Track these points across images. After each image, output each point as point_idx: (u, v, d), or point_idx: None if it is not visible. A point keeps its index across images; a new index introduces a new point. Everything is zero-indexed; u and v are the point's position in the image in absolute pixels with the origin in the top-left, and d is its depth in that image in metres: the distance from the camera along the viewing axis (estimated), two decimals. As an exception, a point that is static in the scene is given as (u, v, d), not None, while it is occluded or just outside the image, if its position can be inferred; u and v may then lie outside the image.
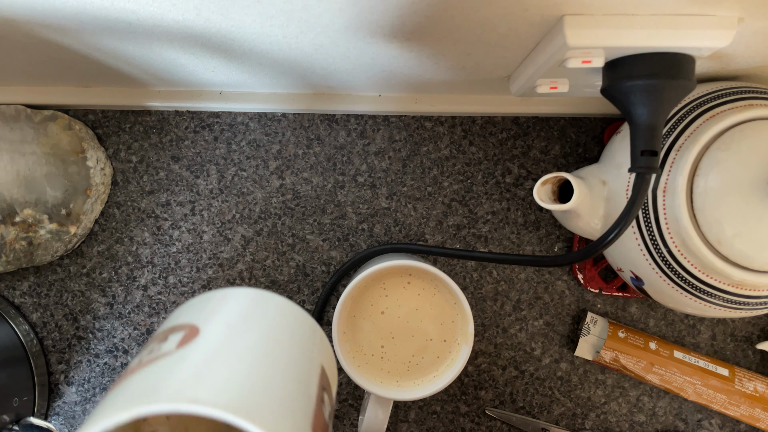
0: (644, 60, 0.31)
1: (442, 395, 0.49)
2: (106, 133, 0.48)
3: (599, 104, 0.47)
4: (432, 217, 0.48)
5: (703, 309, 0.38)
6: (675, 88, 0.31)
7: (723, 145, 0.34)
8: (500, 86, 0.44)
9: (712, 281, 0.36)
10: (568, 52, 0.30)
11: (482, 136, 0.48)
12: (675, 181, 0.35)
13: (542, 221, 0.48)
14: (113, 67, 0.41)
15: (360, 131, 0.48)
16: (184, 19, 0.31)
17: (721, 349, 0.48)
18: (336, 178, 0.48)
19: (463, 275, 0.48)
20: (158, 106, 0.48)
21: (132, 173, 0.48)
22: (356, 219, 0.48)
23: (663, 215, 0.36)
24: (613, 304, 0.48)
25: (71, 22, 0.31)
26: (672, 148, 0.36)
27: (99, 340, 0.48)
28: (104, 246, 0.48)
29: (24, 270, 0.48)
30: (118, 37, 0.34)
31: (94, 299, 0.48)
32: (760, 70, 0.38)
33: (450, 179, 0.48)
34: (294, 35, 0.33)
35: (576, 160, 0.48)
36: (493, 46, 0.34)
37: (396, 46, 0.34)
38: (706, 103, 0.36)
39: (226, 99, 0.47)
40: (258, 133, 0.48)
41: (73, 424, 0.48)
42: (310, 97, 0.47)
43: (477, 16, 0.29)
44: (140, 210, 0.48)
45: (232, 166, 0.48)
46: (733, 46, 0.33)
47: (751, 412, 0.45)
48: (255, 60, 0.38)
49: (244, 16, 0.30)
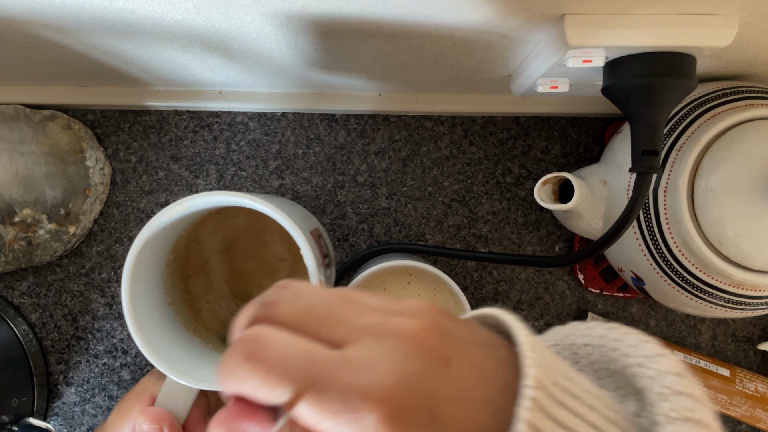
0: (645, 59, 0.30)
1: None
2: (106, 132, 0.48)
3: (600, 104, 0.47)
4: (432, 217, 0.48)
5: (704, 309, 0.38)
6: (676, 88, 0.31)
7: (724, 145, 0.34)
8: (501, 86, 0.43)
9: (713, 281, 0.36)
10: (568, 52, 0.30)
11: (483, 135, 0.48)
12: (676, 180, 0.35)
13: (543, 221, 0.48)
14: (112, 66, 0.40)
15: (360, 131, 0.48)
16: (184, 18, 0.30)
17: (722, 350, 0.48)
18: (336, 178, 0.48)
19: (463, 275, 0.48)
20: (157, 105, 0.48)
21: (131, 173, 0.48)
22: (356, 219, 0.48)
23: (664, 215, 0.36)
24: (613, 304, 0.48)
25: (70, 21, 0.31)
26: (673, 148, 0.36)
27: (98, 340, 0.48)
28: (103, 246, 0.48)
29: (23, 270, 0.48)
30: (117, 37, 0.34)
31: (94, 299, 0.48)
32: (761, 69, 0.38)
33: (450, 179, 0.48)
34: (293, 34, 0.33)
35: (577, 160, 0.48)
36: (493, 46, 0.34)
37: (397, 45, 0.34)
38: (707, 103, 0.36)
39: (225, 98, 0.47)
40: (257, 132, 0.48)
41: (72, 425, 0.48)
42: (310, 96, 0.47)
43: (478, 15, 0.29)
44: (139, 210, 0.48)
45: (232, 165, 0.48)
46: (734, 46, 0.33)
47: (752, 412, 0.44)
48: (254, 59, 0.38)
49: (244, 15, 0.30)
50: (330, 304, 0.18)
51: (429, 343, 0.16)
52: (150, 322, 0.31)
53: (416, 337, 0.16)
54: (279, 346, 0.16)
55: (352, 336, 0.17)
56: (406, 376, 0.15)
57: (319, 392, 0.15)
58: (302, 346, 0.16)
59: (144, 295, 0.32)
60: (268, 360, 0.16)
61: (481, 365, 0.17)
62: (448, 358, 0.16)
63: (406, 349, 0.16)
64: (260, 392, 0.16)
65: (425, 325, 0.17)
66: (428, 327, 0.17)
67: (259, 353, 0.16)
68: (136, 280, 0.30)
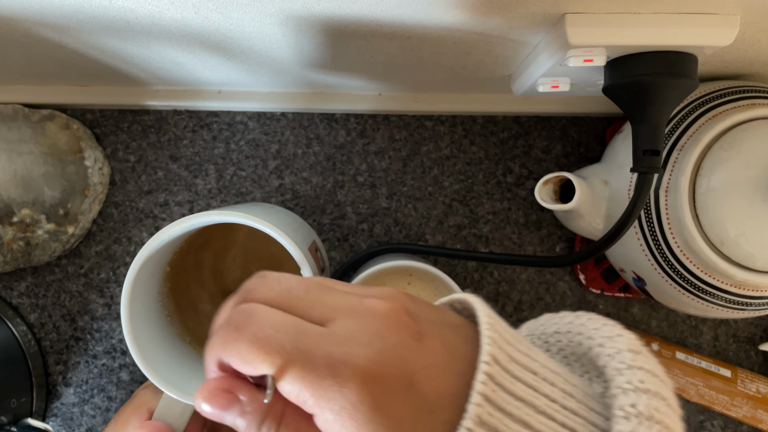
0: (646, 59, 0.30)
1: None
2: (104, 132, 0.48)
3: (601, 103, 0.47)
4: (432, 217, 0.48)
5: (706, 309, 0.38)
6: (677, 87, 0.31)
7: (726, 145, 0.34)
8: (501, 85, 0.43)
9: (715, 282, 0.36)
10: (569, 51, 0.30)
11: (483, 135, 0.48)
12: (677, 180, 0.35)
13: (543, 221, 0.48)
14: (111, 65, 0.40)
15: (360, 130, 0.48)
16: (183, 17, 0.30)
17: (723, 350, 0.48)
18: (336, 178, 0.48)
19: (463, 276, 0.48)
20: (156, 105, 0.48)
21: (130, 173, 0.48)
22: (356, 219, 0.48)
23: (665, 215, 0.36)
24: (615, 304, 0.48)
25: (69, 20, 0.31)
26: (674, 148, 0.36)
27: (97, 341, 0.48)
28: (102, 246, 0.48)
29: (21, 270, 0.48)
30: (116, 36, 0.34)
31: (92, 300, 0.48)
32: (763, 69, 0.38)
33: (451, 179, 0.48)
34: (293, 33, 0.33)
35: (578, 160, 0.48)
36: (493, 45, 0.34)
37: (396, 45, 0.34)
38: (709, 102, 0.36)
39: (224, 98, 0.47)
40: (257, 132, 0.48)
41: (71, 426, 0.48)
42: (310, 96, 0.47)
43: (478, 15, 0.29)
44: (138, 210, 0.48)
45: (231, 165, 0.48)
46: (735, 45, 0.33)
47: (753, 413, 0.44)
48: (254, 59, 0.38)
49: (243, 14, 0.30)
50: (308, 288, 0.19)
51: (401, 320, 0.18)
52: (147, 336, 0.32)
53: (390, 314, 0.18)
54: (267, 318, 0.17)
55: (331, 314, 0.18)
56: (383, 347, 0.17)
57: (304, 363, 0.16)
58: (288, 320, 0.17)
59: (142, 308, 0.32)
60: (257, 331, 0.17)
61: (450, 342, 0.18)
62: (421, 333, 0.18)
63: (382, 324, 0.17)
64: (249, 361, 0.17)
65: (397, 305, 0.18)
66: (399, 307, 0.18)
67: (248, 325, 0.17)
68: (134, 296, 0.31)
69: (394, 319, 0.18)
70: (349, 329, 0.17)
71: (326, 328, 0.17)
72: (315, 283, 0.19)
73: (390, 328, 0.17)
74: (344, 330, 0.17)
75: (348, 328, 0.17)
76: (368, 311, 0.18)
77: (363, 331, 0.17)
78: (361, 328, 0.17)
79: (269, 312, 0.18)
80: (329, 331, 0.17)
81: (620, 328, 0.19)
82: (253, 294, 0.19)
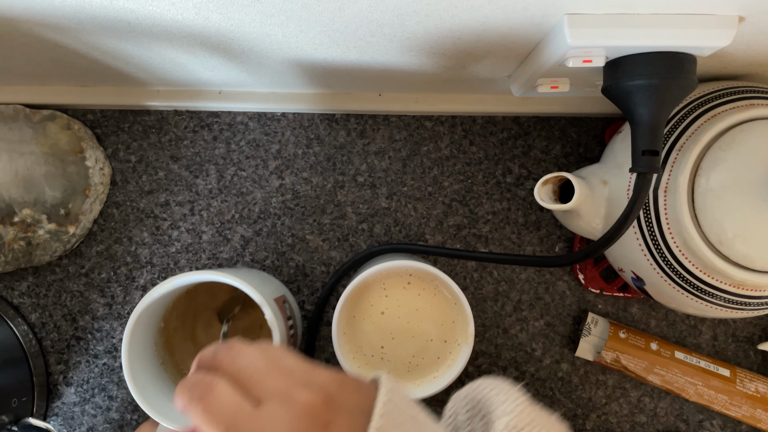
0: (645, 59, 0.30)
1: (442, 396, 0.48)
2: (105, 132, 0.48)
3: (600, 104, 0.47)
4: (432, 217, 0.48)
5: (704, 309, 0.38)
6: (676, 88, 0.31)
7: (724, 145, 0.34)
8: (501, 86, 0.43)
9: (713, 281, 0.36)
10: (568, 52, 0.30)
11: (483, 135, 0.48)
12: (676, 180, 0.35)
13: (543, 221, 0.48)
14: (112, 66, 0.40)
15: (360, 131, 0.48)
16: (184, 18, 0.30)
17: (722, 350, 0.48)
18: (336, 178, 0.48)
19: (463, 275, 0.48)
20: (157, 105, 0.48)
21: (131, 173, 0.48)
22: (356, 219, 0.48)
23: (664, 215, 0.36)
24: (614, 304, 0.48)
25: (70, 21, 0.31)
26: (673, 148, 0.36)
27: (98, 340, 0.48)
28: (103, 246, 0.48)
29: (23, 270, 0.48)
30: (117, 37, 0.34)
31: (93, 299, 0.48)
32: (761, 69, 0.38)
33: (450, 179, 0.48)
34: (294, 34, 0.33)
35: (577, 160, 0.48)
36: (493, 46, 0.34)
37: (396, 45, 0.34)
38: (708, 103, 0.36)
39: (225, 98, 0.47)
40: (257, 132, 0.48)
41: (72, 425, 0.48)
42: (310, 96, 0.47)
43: (478, 15, 0.29)
44: (139, 210, 0.48)
45: (232, 165, 0.48)
46: (734, 46, 0.33)
47: (752, 412, 0.44)
48: (254, 59, 0.38)
49: (244, 15, 0.30)
50: (257, 368, 0.24)
51: (315, 412, 0.23)
52: (144, 377, 0.38)
53: (307, 405, 0.23)
54: (218, 396, 0.23)
55: (265, 396, 0.23)
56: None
57: None
58: (232, 399, 0.23)
59: (142, 354, 0.38)
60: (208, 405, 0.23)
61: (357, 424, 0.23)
62: (329, 422, 0.22)
63: (298, 414, 0.22)
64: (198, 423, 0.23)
65: (318, 397, 0.23)
66: (318, 399, 0.23)
67: (205, 397, 0.23)
68: (133, 343, 0.37)
69: (309, 410, 0.22)
70: (271, 415, 0.22)
71: (258, 409, 0.23)
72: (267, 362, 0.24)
73: (303, 419, 0.22)
74: (268, 414, 0.22)
75: (271, 414, 0.22)
76: (291, 401, 0.23)
77: (281, 419, 0.22)
78: (280, 416, 0.22)
79: (222, 391, 0.23)
80: (258, 414, 0.22)
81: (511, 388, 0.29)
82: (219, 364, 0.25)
